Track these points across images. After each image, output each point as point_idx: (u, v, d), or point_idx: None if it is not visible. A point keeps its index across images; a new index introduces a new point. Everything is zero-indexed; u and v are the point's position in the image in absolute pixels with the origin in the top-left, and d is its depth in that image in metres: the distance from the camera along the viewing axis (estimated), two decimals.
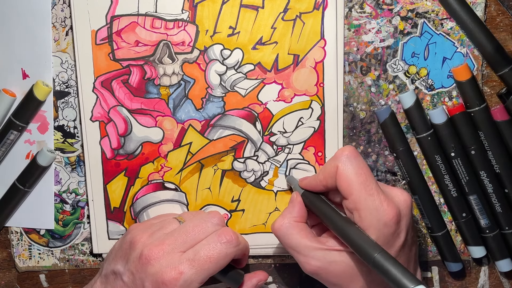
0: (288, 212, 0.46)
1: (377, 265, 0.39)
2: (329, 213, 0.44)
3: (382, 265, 0.38)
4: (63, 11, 0.50)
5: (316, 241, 0.44)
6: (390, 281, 0.38)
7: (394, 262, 0.38)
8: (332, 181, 0.44)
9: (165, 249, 0.44)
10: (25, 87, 0.51)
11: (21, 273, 0.55)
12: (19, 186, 0.52)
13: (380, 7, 0.49)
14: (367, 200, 0.42)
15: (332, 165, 0.44)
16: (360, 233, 0.41)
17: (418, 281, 0.37)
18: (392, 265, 0.38)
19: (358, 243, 0.41)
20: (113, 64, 0.50)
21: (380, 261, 0.39)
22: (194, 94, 0.50)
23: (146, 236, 0.45)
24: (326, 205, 0.45)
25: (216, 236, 0.45)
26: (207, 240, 0.45)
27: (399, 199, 0.43)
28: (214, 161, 0.52)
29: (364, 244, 0.40)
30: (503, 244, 0.51)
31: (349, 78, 0.50)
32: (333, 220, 0.43)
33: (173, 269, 0.43)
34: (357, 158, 0.44)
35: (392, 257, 0.39)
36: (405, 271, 0.38)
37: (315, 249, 0.44)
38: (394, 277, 0.37)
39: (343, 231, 0.42)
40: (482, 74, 0.49)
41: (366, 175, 0.43)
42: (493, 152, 0.49)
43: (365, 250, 0.40)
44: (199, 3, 0.49)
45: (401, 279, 0.37)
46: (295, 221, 0.46)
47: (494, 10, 0.49)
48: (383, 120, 0.50)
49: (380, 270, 0.39)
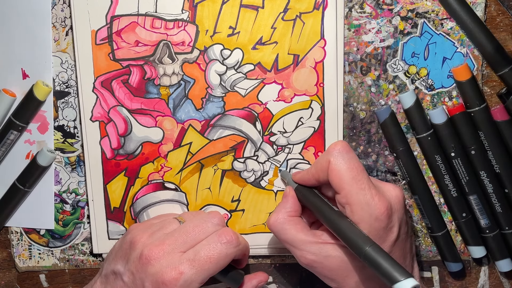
0: (282, 207, 0.47)
1: (368, 258, 0.39)
2: (321, 207, 0.45)
3: (373, 258, 0.39)
4: (63, 11, 0.50)
5: (311, 235, 0.45)
6: (380, 274, 0.38)
7: (385, 255, 0.38)
8: (324, 175, 0.44)
9: (165, 249, 0.44)
10: (25, 87, 0.51)
11: (21, 273, 0.55)
12: (19, 186, 0.52)
13: (380, 7, 0.49)
14: (358, 194, 0.42)
15: (324, 159, 0.44)
16: (352, 226, 0.41)
17: (408, 274, 0.37)
18: (382, 258, 0.38)
19: (349, 237, 0.41)
20: (113, 64, 0.50)
21: (371, 254, 0.39)
22: (194, 94, 0.50)
23: (146, 236, 0.45)
24: (318, 199, 0.46)
25: (217, 236, 0.45)
26: (208, 240, 0.45)
27: (390, 194, 0.44)
28: (214, 161, 0.52)
29: (355, 238, 0.40)
30: (503, 244, 0.51)
31: (349, 78, 0.50)
32: (325, 214, 0.44)
33: (173, 269, 0.43)
34: (349, 153, 0.44)
35: (383, 251, 0.39)
36: (396, 264, 0.38)
37: (310, 243, 0.44)
38: (385, 270, 0.37)
39: (335, 224, 0.42)
40: (482, 74, 0.49)
41: (358, 169, 0.43)
42: (493, 152, 0.49)
43: (356, 243, 0.40)
44: (199, 3, 0.49)
45: (392, 272, 0.37)
46: (289, 215, 0.46)
47: (494, 10, 0.49)
48: (383, 120, 0.50)
49: (371, 263, 0.39)
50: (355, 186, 0.43)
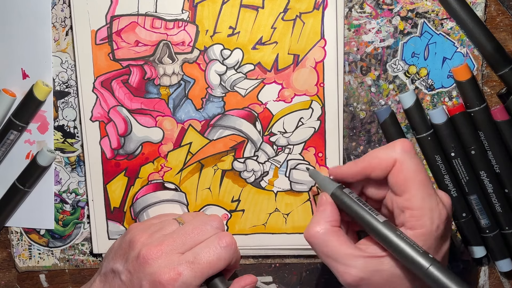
0: (321, 216, 0.42)
1: (430, 276, 0.38)
2: (367, 217, 0.41)
3: (436, 277, 0.37)
4: (63, 11, 0.50)
5: (355, 248, 0.41)
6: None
7: (449, 273, 0.37)
8: (380, 173, 0.41)
9: (163, 249, 0.44)
10: (25, 87, 0.51)
11: (21, 273, 0.55)
12: (19, 186, 0.52)
13: (380, 7, 0.49)
14: (424, 199, 0.39)
15: (386, 155, 0.41)
16: (407, 240, 0.39)
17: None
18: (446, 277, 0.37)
19: (408, 254, 0.38)
20: (113, 64, 0.50)
21: (433, 273, 0.37)
22: (194, 94, 0.50)
23: (146, 236, 0.45)
24: (360, 207, 0.42)
25: (217, 239, 0.45)
26: (207, 243, 0.45)
27: (444, 199, 0.41)
28: (214, 161, 0.51)
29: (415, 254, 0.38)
30: (503, 244, 0.51)
31: (349, 78, 0.50)
32: (374, 225, 0.40)
33: (171, 269, 0.43)
34: (416, 155, 0.41)
35: (445, 268, 0.37)
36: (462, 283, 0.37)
37: (356, 257, 0.40)
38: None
39: (388, 238, 0.40)
40: (482, 74, 0.49)
41: (425, 173, 0.40)
42: (493, 152, 0.49)
43: (417, 261, 0.38)
44: (199, 3, 0.49)
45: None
46: (331, 225, 0.42)
47: (494, 10, 0.49)
48: (383, 120, 0.50)
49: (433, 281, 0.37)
50: (422, 191, 0.40)
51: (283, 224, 0.52)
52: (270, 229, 0.52)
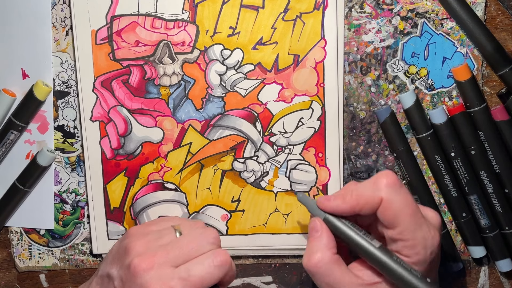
0: (320, 244, 0.41)
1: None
2: (362, 243, 0.41)
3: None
4: (63, 11, 0.50)
5: (354, 277, 0.41)
6: None
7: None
8: (369, 209, 0.41)
9: (156, 261, 0.42)
10: (25, 87, 0.51)
11: (21, 273, 0.55)
12: (19, 186, 0.52)
13: (380, 7, 0.49)
14: (416, 230, 0.40)
15: (373, 194, 0.41)
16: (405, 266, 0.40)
17: None
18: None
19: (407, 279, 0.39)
20: (113, 64, 0.50)
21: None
22: (194, 94, 0.50)
23: (141, 244, 0.44)
24: (354, 232, 0.41)
25: (212, 256, 0.43)
26: (201, 259, 0.43)
27: (434, 221, 0.42)
28: (214, 161, 0.51)
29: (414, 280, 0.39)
30: (503, 244, 0.51)
31: (349, 78, 0.50)
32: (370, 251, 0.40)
33: (163, 284, 0.41)
34: (402, 187, 0.41)
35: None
36: None
37: (358, 285, 0.40)
38: None
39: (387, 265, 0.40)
40: (482, 74, 0.49)
41: (413, 204, 0.40)
42: (493, 152, 0.49)
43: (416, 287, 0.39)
44: (199, 3, 0.49)
45: None
46: (332, 253, 0.41)
47: (494, 10, 0.49)
48: (383, 120, 0.50)
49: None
50: (413, 223, 0.40)
51: (283, 224, 0.52)
52: (270, 229, 0.52)
